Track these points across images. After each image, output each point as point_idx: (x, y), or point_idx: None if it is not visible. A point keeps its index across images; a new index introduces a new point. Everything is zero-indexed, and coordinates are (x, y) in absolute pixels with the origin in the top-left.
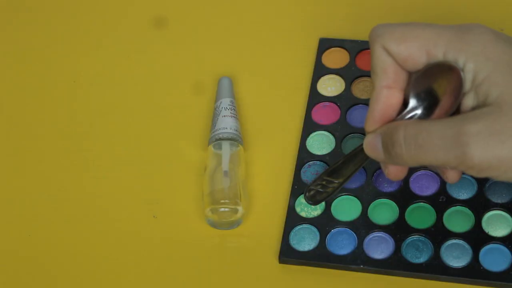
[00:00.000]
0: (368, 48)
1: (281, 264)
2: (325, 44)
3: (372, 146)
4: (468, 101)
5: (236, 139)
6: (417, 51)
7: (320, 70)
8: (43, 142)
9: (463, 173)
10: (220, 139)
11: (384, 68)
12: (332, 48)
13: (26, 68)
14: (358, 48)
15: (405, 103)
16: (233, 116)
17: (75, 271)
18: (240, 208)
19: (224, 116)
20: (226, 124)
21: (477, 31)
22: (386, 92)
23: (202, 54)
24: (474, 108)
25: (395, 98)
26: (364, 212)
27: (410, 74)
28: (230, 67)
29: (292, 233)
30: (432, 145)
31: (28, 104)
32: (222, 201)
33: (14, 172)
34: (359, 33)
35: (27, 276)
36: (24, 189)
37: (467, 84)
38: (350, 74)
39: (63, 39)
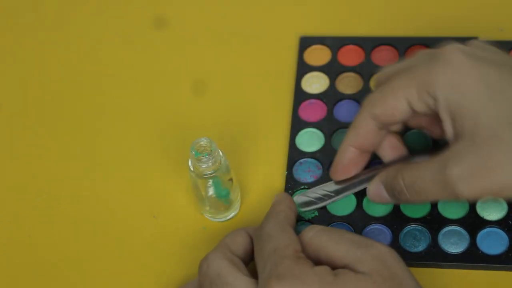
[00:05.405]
0: (349, 44)
1: None
2: (306, 43)
3: (378, 195)
4: (448, 128)
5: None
6: (397, 102)
7: (303, 68)
8: (43, 142)
9: None
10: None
11: (358, 131)
12: (313, 46)
13: (26, 68)
14: (339, 44)
15: None
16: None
17: (75, 271)
18: (227, 213)
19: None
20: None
21: (444, 59)
22: (352, 150)
23: (202, 54)
24: (455, 135)
25: (358, 158)
26: (360, 205)
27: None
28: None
29: None
30: (428, 189)
31: (28, 104)
32: (208, 211)
33: (14, 172)
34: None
35: (27, 276)
36: (24, 189)
37: (443, 113)
38: (333, 70)
39: (63, 39)
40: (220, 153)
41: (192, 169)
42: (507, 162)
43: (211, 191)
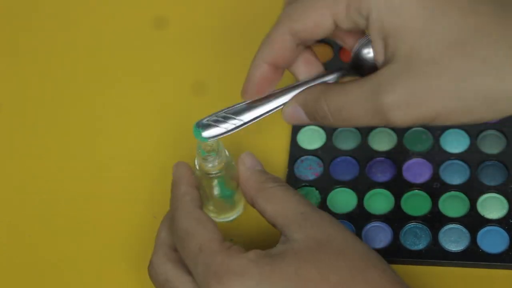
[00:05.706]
0: None
1: None
2: None
3: (295, 118)
4: (379, 50)
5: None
6: (322, 18)
7: None
8: (43, 142)
9: (455, 159)
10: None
11: (274, 47)
12: (315, 44)
13: (26, 68)
14: None
15: None
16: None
17: (75, 271)
18: (231, 213)
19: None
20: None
21: None
22: (265, 67)
23: (202, 54)
24: (387, 58)
25: (272, 75)
26: (360, 203)
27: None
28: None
29: None
30: (356, 116)
31: (28, 104)
32: (211, 210)
33: (14, 172)
34: None
35: (27, 276)
36: (24, 189)
37: (374, 34)
38: (335, 67)
39: (63, 39)
40: (227, 153)
41: (198, 167)
42: (444, 88)
43: (216, 191)
